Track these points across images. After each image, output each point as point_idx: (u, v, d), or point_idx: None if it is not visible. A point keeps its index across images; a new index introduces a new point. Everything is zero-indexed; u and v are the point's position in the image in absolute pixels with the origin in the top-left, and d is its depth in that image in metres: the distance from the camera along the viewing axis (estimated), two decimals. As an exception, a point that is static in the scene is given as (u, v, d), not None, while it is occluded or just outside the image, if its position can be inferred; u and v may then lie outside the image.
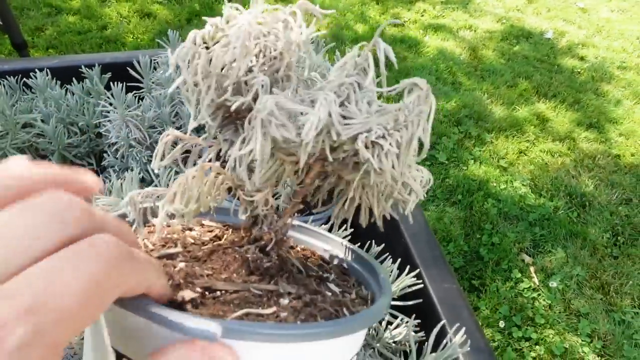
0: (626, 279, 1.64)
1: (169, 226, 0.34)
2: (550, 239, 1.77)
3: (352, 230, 0.57)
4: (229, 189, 0.30)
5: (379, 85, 0.28)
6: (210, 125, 0.28)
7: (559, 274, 1.64)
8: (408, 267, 0.56)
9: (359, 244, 0.53)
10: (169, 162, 0.29)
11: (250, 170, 0.26)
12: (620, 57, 2.96)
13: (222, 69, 0.26)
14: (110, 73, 0.83)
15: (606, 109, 2.48)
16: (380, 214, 0.30)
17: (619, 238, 1.79)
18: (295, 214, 0.34)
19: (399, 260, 0.56)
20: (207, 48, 0.26)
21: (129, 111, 0.72)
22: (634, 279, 1.65)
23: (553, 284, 1.61)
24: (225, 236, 0.35)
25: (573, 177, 2.05)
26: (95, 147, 0.79)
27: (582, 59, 2.89)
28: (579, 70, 2.77)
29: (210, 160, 0.31)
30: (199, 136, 0.31)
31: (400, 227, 0.61)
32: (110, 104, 0.74)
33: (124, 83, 0.73)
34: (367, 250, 0.59)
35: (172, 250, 0.31)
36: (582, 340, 1.46)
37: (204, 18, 0.26)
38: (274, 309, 0.27)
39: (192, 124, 0.27)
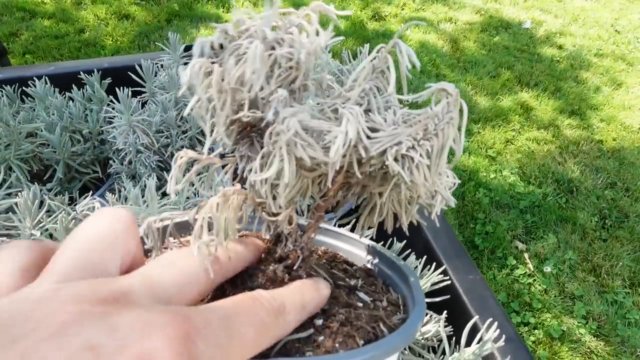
0: (616, 260, 1.69)
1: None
2: (542, 225, 1.81)
3: (374, 229, 0.57)
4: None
5: (399, 89, 0.27)
6: (226, 142, 0.27)
7: (552, 259, 1.68)
8: (431, 262, 0.57)
9: (382, 242, 0.54)
10: (185, 185, 0.28)
11: (272, 188, 0.26)
12: (596, 44, 3.03)
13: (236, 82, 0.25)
14: (110, 78, 0.81)
15: (586, 96, 2.54)
16: (407, 221, 0.29)
17: (606, 221, 1.84)
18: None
19: (422, 255, 0.57)
20: (217, 55, 0.25)
21: (135, 116, 0.71)
22: (623, 260, 1.70)
23: (547, 268, 1.64)
24: None
25: (559, 164, 2.09)
26: (99, 154, 0.77)
27: (560, 47, 2.95)
28: (558, 58, 2.83)
29: (233, 178, 0.30)
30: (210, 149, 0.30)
31: (421, 222, 0.62)
32: (114, 109, 0.73)
33: (128, 88, 0.72)
34: (389, 248, 0.59)
35: None
36: (578, 322, 1.50)
37: (212, 24, 0.25)
38: (310, 331, 0.26)
39: (208, 143, 0.26)
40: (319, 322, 0.27)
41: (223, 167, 0.30)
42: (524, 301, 1.55)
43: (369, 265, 0.36)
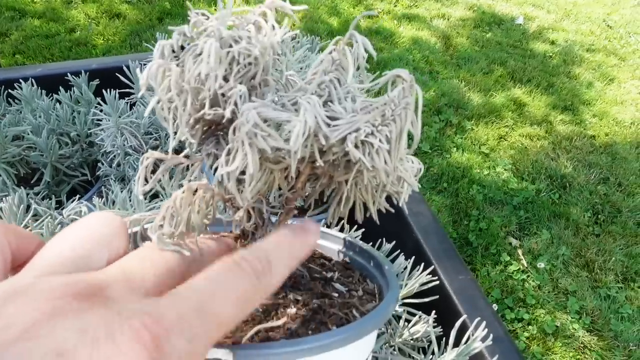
0: (609, 255, 1.70)
1: None
2: (535, 221, 1.81)
3: (363, 230, 0.57)
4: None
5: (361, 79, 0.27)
6: (191, 141, 0.27)
7: (546, 255, 1.69)
8: (421, 262, 0.57)
9: (371, 243, 0.53)
10: (153, 185, 0.28)
11: (240, 183, 0.26)
12: (588, 39, 3.04)
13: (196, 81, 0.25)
14: (98, 80, 0.80)
15: (579, 91, 2.55)
16: (375, 209, 0.30)
17: (599, 216, 1.85)
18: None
19: (411, 255, 0.57)
20: (177, 58, 0.25)
21: (123, 118, 0.70)
22: (615, 255, 1.70)
23: (541, 264, 1.65)
24: None
25: (552, 160, 2.10)
26: (88, 156, 0.76)
27: (552, 43, 2.96)
28: (550, 54, 2.84)
29: (195, 178, 0.30)
30: (181, 151, 0.30)
31: (410, 222, 0.62)
32: (101, 111, 0.72)
33: (116, 90, 0.71)
34: (379, 248, 0.59)
35: None
36: (572, 318, 1.50)
37: (170, 28, 0.25)
38: (283, 320, 0.27)
39: (172, 143, 0.26)
40: (292, 310, 0.28)
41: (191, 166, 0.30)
42: (518, 297, 1.55)
43: (346, 259, 0.37)
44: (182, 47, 0.25)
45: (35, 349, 0.15)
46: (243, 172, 0.24)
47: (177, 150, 0.29)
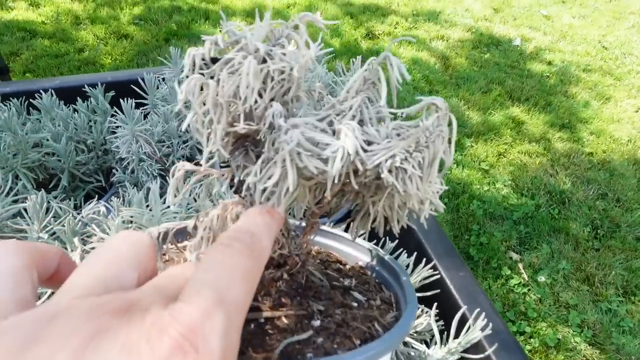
0: (609, 269, 1.72)
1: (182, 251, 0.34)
2: (535, 235, 1.83)
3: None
4: None
5: (389, 100, 0.28)
6: (222, 153, 0.27)
7: (546, 269, 1.70)
8: (422, 260, 0.59)
9: (374, 241, 0.56)
10: (184, 196, 0.29)
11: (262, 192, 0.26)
12: (584, 60, 3.10)
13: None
14: (113, 91, 0.84)
15: (576, 110, 2.60)
16: (398, 226, 0.31)
17: (598, 231, 1.87)
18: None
19: (414, 253, 0.59)
20: (207, 67, 0.26)
21: (138, 126, 0.74)
22: (615, 269, 1.72)
23: (541, 278, 1.66)
24: None
25: (551, 176, 2.13)
26: (102, 164, 0.80)
27: (549, 63, 3.02)
28: (547, 74, 2.90)
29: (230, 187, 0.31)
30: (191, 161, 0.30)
31: (412, 224, 0.65)
32: (117, 120, 0.76)
33: (132, 99, 0.75)
34: (382, 247, 0.61)
35: None
36: (573, 331, 1.51)
37: (202, 37, 0.26)
38: (309, 332, 0.27)
39: (206, 155, 0.26)
40: (317, 323, 0.29)
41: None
42: (519, 310, 1.56)
43: (361, 264, 0.38)
44: (212, 59, 0.26)
45: None
46: (273, 185, 0.25)
47: (189, 159, 0.31)
